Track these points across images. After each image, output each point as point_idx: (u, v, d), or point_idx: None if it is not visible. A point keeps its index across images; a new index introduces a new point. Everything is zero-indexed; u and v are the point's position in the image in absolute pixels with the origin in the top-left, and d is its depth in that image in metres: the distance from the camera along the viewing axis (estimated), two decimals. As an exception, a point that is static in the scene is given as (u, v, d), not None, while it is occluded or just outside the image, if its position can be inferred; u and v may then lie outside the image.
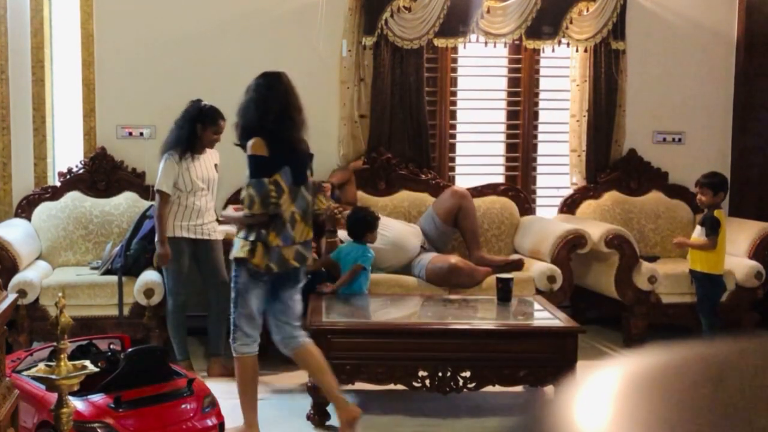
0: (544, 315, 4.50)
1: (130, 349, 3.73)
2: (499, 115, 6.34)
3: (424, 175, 5.93)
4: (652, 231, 6.09)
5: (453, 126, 6.22)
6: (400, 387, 4.19)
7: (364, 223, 4.89)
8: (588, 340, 5.30)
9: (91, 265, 5.26)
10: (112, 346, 3.93)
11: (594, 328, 5.62)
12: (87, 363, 2.92)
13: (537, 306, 4.67)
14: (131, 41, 5.69)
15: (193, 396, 3.56)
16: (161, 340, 4.91)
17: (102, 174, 5.58)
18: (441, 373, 4.10)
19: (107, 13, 5.63)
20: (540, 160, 6.38)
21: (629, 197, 6.18)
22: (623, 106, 6.19)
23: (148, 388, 3.50)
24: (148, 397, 3.47)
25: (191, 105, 4.82)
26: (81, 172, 5.59)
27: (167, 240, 4.76)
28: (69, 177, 5.59)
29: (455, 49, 6.09)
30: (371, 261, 4.85)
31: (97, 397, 3.39)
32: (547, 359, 4.14)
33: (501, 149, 6.36)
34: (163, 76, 5.65)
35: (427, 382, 4.11)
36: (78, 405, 3.21)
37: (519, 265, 5.39)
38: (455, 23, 5.87)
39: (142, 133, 5.72)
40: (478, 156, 6.32)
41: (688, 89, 6.34)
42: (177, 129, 4.79)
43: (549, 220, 5.96)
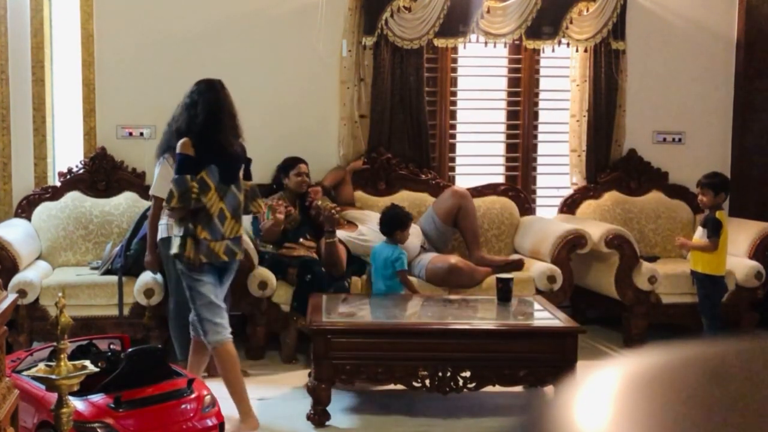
0: (544, 315, 4.50)
1: (130, 349, 3.73)
2: (499, 115, 6.34)
3: (424, 175, 5.93)
4: (652, 231, 6.09)
5: (453, 126, 6.21)
6: (400, 387, 4.19)
7: (396, 220, 4.90)
8: (588, 340, 5.30)
9: (91, 265, 5.26)
10: (112, 346, 3.93)
11: (594, 328, 5.63)
12: (87, 363, 2.92)
13: (537, 306, 4.67)
14: (131, 41, 5.69)
15: (193, 396, 3.56)
16: (161, 340, 4.91)
17: (102, 174, 5.58)
18: (441, 373, 4.10)
19: (107, 13, 5.63)
20: (540, 160, 6.38)
21: (629, 197, 6.18)
22: (623, 106, 6.19)
23: (148, 388, 3.50)
24: (148, 397, 3.46)
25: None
26: (81, 172, 5.59)
27: (161, 243, 4.72)
28: (69, 177, 5.59)
29: (455, 49, 6.09)
30: (407, 260, 4.92)
31: (97, 397, 3.39)
32: (547, 359, 4.14)
33: (501, 149, 6.36)
34: (163, 76, 5.64)
35: (427, 382, 4.10)
36: (78, 405, 3.21)
37: (519, 265, 5.39)
38: (455, 23, 5.87)
39: (142, 133, 5.72)
40: (478, 156, 6.32)
41: (688, 89, 6.34)
42: (168, 131, 4.77)
43: (549, 220, 5.96)
